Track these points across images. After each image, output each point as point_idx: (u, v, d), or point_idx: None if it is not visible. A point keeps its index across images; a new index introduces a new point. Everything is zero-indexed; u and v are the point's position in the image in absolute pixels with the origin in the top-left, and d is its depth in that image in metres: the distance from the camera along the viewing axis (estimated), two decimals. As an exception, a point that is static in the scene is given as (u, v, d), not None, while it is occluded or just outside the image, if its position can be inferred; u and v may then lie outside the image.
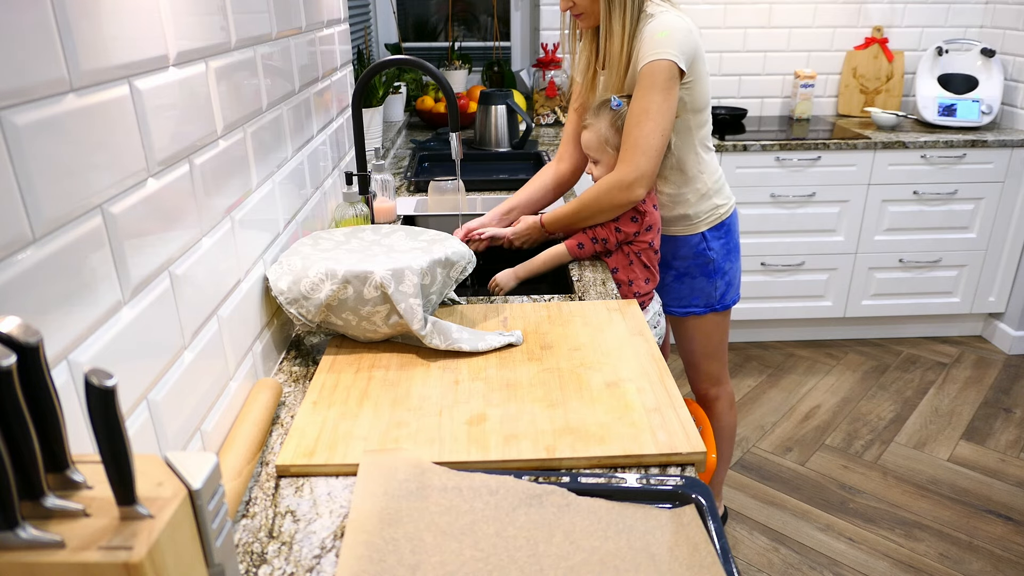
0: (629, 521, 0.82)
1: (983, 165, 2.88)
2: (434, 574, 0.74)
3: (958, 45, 3.09)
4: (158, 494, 0.50)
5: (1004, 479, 2.34)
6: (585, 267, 1.57)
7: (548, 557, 0.77)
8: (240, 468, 0.88)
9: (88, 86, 0.65)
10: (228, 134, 0.98)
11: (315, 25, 1.45)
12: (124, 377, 0.71)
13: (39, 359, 0.46)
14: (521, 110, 2.68)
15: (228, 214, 0.98)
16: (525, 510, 0.83)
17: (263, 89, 1.12)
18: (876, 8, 3.18)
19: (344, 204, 1.55)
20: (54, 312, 0.61)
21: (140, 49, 0.75)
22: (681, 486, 0.88)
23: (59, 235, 0.62)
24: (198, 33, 0.89)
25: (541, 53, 3.17)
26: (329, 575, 0.77)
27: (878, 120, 3.01)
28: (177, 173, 0.83)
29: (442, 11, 3.57)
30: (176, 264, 0.83)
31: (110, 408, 0.45)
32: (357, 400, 1.06)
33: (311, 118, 1.41)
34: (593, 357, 1.17)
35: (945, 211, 2.95)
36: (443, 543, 0.78)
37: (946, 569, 1.99)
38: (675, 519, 0.82)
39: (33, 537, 0.45)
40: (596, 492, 0.87)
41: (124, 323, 0.71)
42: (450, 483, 0.87)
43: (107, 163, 0.68)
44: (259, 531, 0.83)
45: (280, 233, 1.21)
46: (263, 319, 1.13)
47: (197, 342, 0.88)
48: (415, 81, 3.27)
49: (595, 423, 0.99)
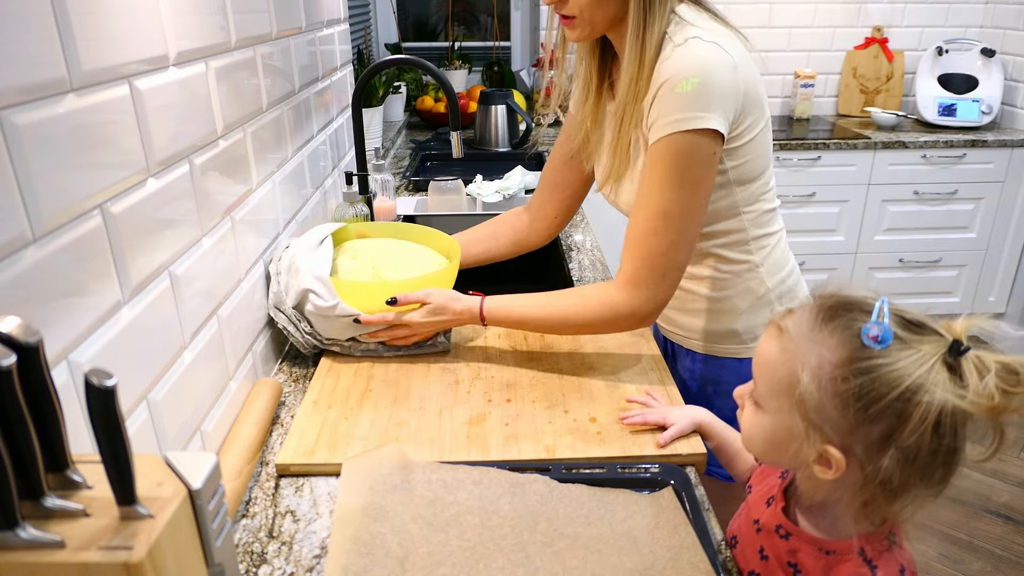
0: (610, 506, 0.84)
1: (983, 165, 2.88)
2: (422, 564, 0.75)
3: (958, 45, 3.09)
4: (158, 494, 0.50)
5: (1004, 479, 2.34)
6: (585, 267, 1.57)
7: (533, 544, 0.78)
8: (240, 468, 0.88)
9: (88, 86, 0.65)
10: (228, 134, 0.98)
11: (315, 25, 1.45)
12: (124, 377, 0.71)
13: (39, 359, 0.46)
14: (521, 110, 2.68)
15: (228, 214, 0.98)
16: (509, 499, 0.84)
17: (263, 89, 1.12)
18: (876, 8, 3.18)
19: (344, 204, 1.55)
20: (54, 312, 0.61)
21: (140, 49, 0.75)
22: (659, 473, 0.90)
23: (59, 235, 0.61)
24: (198, 33, 0.89)
25: (541, 53, 3.17)
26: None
27: (878, 120, 3.01)
28: (177, 173, 0.83)
29: (442, 11, 3.57)
30: (176, 264, 0.83)
31: (110, 408, 0.45)
32: (357, 400, 1.06)
33: (311, 118, 1.41)
34: (593, 357, 1.17)
35: (945, 211, 2.95)
36: (429, 534, 0.79)
37: (946, 569, 1.99)
38: (654, 503, 0.84)
39: (33, 537, 0.45)
40: (577, 480, 0.88)
41: (124, 323, 0.71)
42: (434, 475, 0.88)
43: (107, 163, 0.68)
44: (259, 531, 0.83)
45: (280, 233, 1.21)
46: (263, 319, 1.13)
47: (197, 342, 0.88)
48: (415, 81, 3.27)
49: (595, 423, 0.99)
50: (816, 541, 0.70)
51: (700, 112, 0.92)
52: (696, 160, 0.94)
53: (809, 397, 0.63)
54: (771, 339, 0.70)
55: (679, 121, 0.92)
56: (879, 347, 0.61)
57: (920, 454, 0.60)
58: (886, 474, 0.61)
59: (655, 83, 0.95)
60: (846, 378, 0.62)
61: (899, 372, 0.60)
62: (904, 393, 0.59)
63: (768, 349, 0.70)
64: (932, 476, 0.62)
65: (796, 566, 0.71)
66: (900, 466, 0.61)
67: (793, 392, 0.65)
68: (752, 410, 0.72)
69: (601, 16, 0.98)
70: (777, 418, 0.68)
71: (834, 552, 0.68)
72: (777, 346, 0.68)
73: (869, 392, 0.61)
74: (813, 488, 0.70)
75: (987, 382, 0.58)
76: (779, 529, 0.74)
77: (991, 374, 0.58)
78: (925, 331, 0.62)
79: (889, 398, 0.60)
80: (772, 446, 0.70)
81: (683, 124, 0.92)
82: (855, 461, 0.63)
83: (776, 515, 0.75)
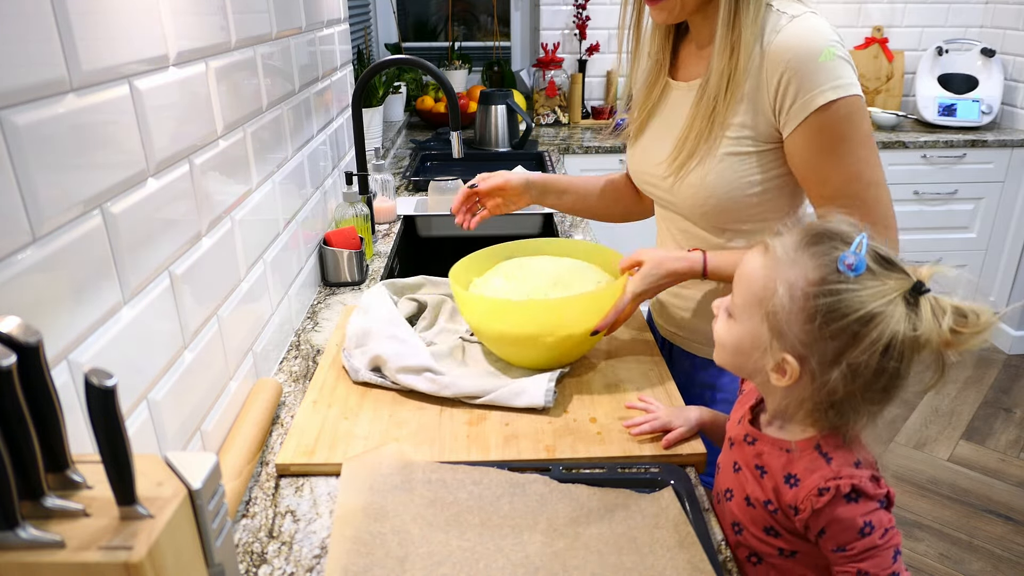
0: (610, 506, 0.84)
1: (983, 165, 2.88)
2: (422, 564, 0.75)
3: (958, 45, 3.09)
4: (158, 494, 0.50)
5: (1004, 479, 2.34)
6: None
7: (533, 544, 0.78)
8: (240, 468, 0.88)
9: (88, 86, 0.65)
10: (228, 134, 0.98)
11: (315, 25, 1.45)
12: (124, 377, 0.71)
13: (39, 359, 0.46)
14: (521, 110, 2.68)
15: (228, 214, 0.98)
16: (509, 499, 0.84)
17: (263, 89, 1.12)
18: (876, 8, 3.18)
19: (344, 204, 1.55)
20: (54, 312, 0.61)
21: (140, 49, 0.75)
22: (659, 473, 0.90)
23: (59, 235, 0.61)
24: (198, 33, 0.89)
25: (541, 53, 3.17)
26: (329, 575, 0.77)
27: (878, 120, 3.00)
28: (177, 173, 0.83)
29: (442, 11, 3.57)
30: (176, 264, 0.83)
31: (110, 408, 0.45)
32: (357, 399, 1.05)
33: (311, 118, 1.41)
34: (593, 357, 1.17)
35: (945, 211, 2.95)
36: (429, 534, 0.79)
37: (946, 569, 1.99)
38: (655, 503, 0.84)
39: (33, 537, 0.45)
40: (577, 480, 0.88)
41: (124, 323, 0.71)
42: (434, 475, 0.88)
43: (107, 163, 0.68)
44: (259, 531, 0.83)
45: (280, 233, 1.21)
46: (263, 319, 1.13)
47: (197, 342, 0.88)
48: (415, 81, 3.27)
49: (595, 423, 0.99)
50: (777, 442, 0.78)
51: (849, 79, 0.91)
52: (865, 119, 0.93)
53: (780, 309, 0.71)
54: (757, 255, 0.77)
55: (838, 88, 0.90)
56: (851, 274, 0.68)
57: (865, 372, 0.68)
58: (832, 386, 0.69)
59: (778, 59, 0.92)
60: (815, 296, 0.69)
61: (862, 299, 0.67)
62: (863, 317, 0.67)
63: (752, 264, 0.77)
64: (873, 394, 0.69)
65: (763, 468, 0.78)
66: (844, 380, 0.68)
67: (765, 304, 0.73)
68: (725, 319, 0.80)
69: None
70: (747, 327, 0.76)
71: (792, 450, 0.76)
72: (760, 262, 0.75)
73: (832, 311, 0.68)
74: (768, 394, 0.79)
75: (943, 320, 0.66)
76: (747, 437, 0.82)
77: (947, 315, 0.66)
78: (894, 268, 0.69)
79: (848, 319, 0.67)
80: (738, 352, 0.78)
81: (843, 90, 0.90)
82: (807, 371, 0.71)
83: (744, 427, 0.83)
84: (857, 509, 0.70)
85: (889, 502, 0.73)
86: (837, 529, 0.71)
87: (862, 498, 0.70)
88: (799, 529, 0.74)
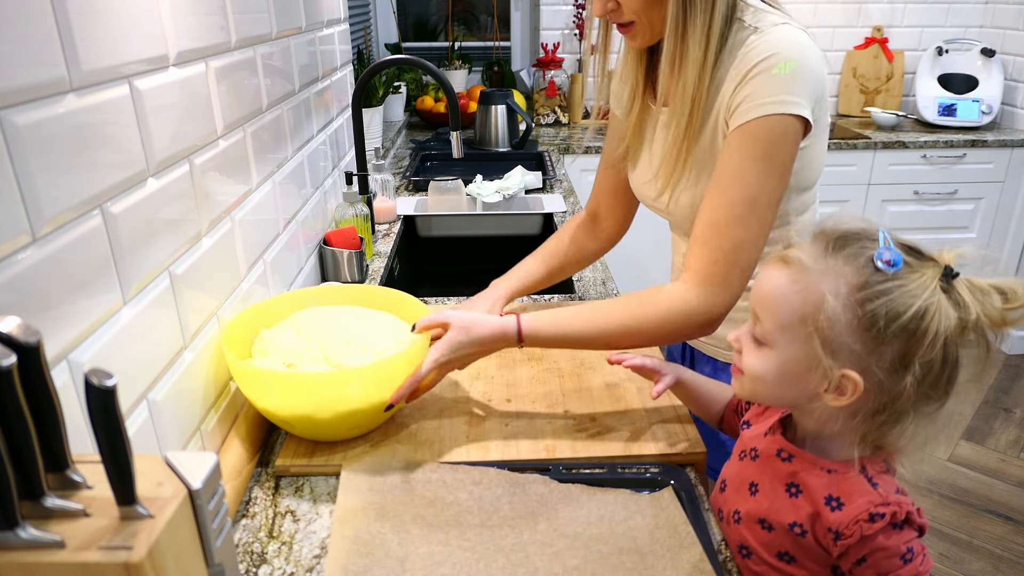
0: (610, 507, 0.84)
1: (983, 165, 2.88)
2: (422, 564, 0.75)
3: (958, 45, 3.09)
4: (158, 494, 0.50)
5: (1004, 479, 2.34)
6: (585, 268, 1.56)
7: (533, 544, 0.78)
8: (240, 468, 0.88)
9: (88, 86, 0.65)
10: (228, 134, 0.98)
11: (315, 25, 1.45)
12: (124, 377, 0.71)
13: (39, 359, 0.46)
14: (521, 110, 2.68)
15: (228, 214, 0.98)
16: (509, 499, 0.84)
17: (263, 89, 1.12)
18: (876, 8, 3.18)
19: (344, 204, 1.55)
20: (54, 312, 0.61)
21: (140, 49, 0.75)
22: (659, 473, 0.90)
23: (59, 235, 0.61)
24: (198, 33, 0.89)
25: (541, 53, 3.17)
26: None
27: (878, 120, 3.01)
28: (177, 173, 0.83)
29: (442, 11, 3.57)
30: (176, 264, 0.83)
31: (110, 408, 0.45)
32: (357, 400, 1.05)
33: (311, 118, 1.41)
34: (593, 357, 1.17)
35: (945, 211, 2.95)
36: (429, 535, 0.79)
37: (946, 569, 1.99)
38: (654, 503, 0.84)
39: (33, 537, 0.45)
40: (577, 480, 0.88)
41: (124, 323, 0.71)
42: (434, 475, 0.88)
43: (107, 163, 0.68)
44: (259, 531, 0.83)
45: (280, 233, 1.21)
46: (263, 319, 1.13)
47: (197, 342, 0.88)
48: (415, 81, 3.27)
49: (595, 423, 0.99)
50: (818, 462, 0.73)
51: (795, 97, 0.87)
52: (786, 145, 0.89)
53: (831, 323, 0.65)
54: (778, 272, 0.70)
55: (774, 104, 0.87)
56: (891, 270, 0.64)
57: (935, 368, 0.65)
58: (905, 391, 0.65)
59: (741, 68, 0.90)
60: (864, 301, 0.64)
61: (912, 293, 0.63)
62: (918, 312, 0.63)
63: (775, 282, 0.70)
64: (938, 389, 0.66)
65: (799, 487, 0.73)
66: (916, 382, 0.64)
67: (808, 321, 0.66)
68: (754, 350, 0.72)
69: (658, 16, 0.93)
70: (789, 351, 0.69)
71: (835, 471, 0.71)
72: (787, 278, 0.69)
73: (888, 314, 0.63)
74: (806, 415, 0.73)
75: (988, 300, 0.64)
76: (780, 452, 0.76)
77: (990, 294, 0.64)
78: (923, 257, 0.67)
79: (904, 318, 0.63)
80: (784, 381, 0.71)
81: (778, 107, 0.87)
82: (872, 383, 0.66)
83: (776, 440, 0.77)
84: (902, 537, 0.67)
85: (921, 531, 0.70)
86: (881, 556, 0.67)
87: (907, 527, 0.68)
88: (833, 554, 0.69)
